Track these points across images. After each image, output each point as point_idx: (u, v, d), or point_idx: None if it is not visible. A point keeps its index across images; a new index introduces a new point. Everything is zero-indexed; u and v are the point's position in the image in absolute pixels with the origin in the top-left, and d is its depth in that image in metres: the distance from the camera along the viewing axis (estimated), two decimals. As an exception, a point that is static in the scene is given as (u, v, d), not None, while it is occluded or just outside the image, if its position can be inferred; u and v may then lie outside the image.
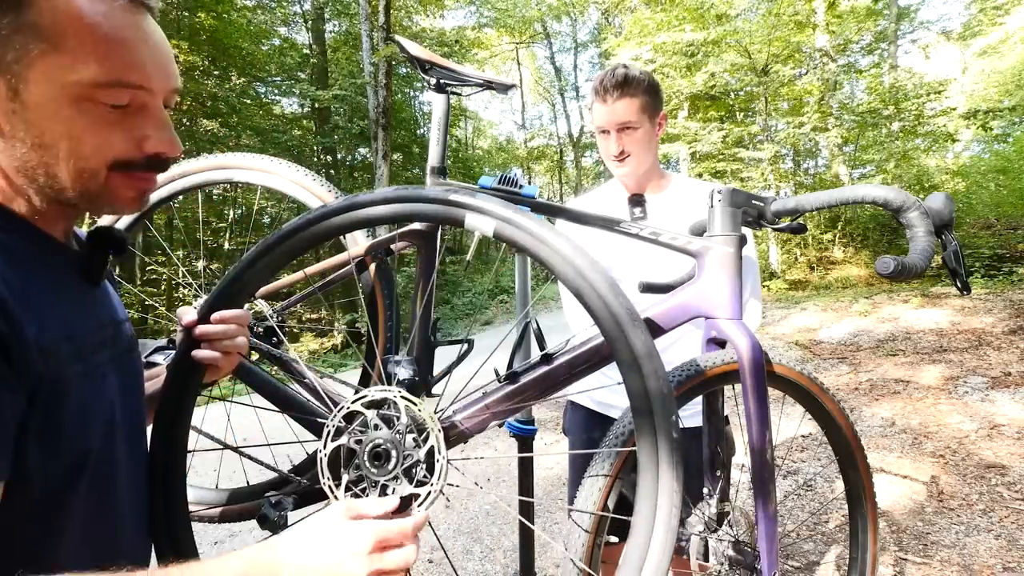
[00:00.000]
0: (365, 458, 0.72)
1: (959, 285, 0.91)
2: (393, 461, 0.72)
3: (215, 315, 0.76)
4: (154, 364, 1.06)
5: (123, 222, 1.25)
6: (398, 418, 0.74)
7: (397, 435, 0.73)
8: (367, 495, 0.71)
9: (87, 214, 0.65)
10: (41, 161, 0.54)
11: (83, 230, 0.70)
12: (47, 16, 0.51)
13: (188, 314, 0.77)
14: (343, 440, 0.73)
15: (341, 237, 1.21)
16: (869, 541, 1.15)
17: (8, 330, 0.48)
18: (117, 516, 0.64)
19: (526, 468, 1.50)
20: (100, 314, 0.65)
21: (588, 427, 1.53)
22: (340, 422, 0.74)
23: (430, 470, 0.73)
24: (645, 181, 1.46)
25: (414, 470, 0.72)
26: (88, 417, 0.57)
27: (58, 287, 0.58)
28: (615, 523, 0.94)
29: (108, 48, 0.53)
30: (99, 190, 0.58)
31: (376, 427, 0.74)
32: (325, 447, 0.72)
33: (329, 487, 0.72)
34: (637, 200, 1.40)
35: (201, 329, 0.76)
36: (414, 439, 0.74)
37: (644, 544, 0.69)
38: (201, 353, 0.76)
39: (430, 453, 0.73)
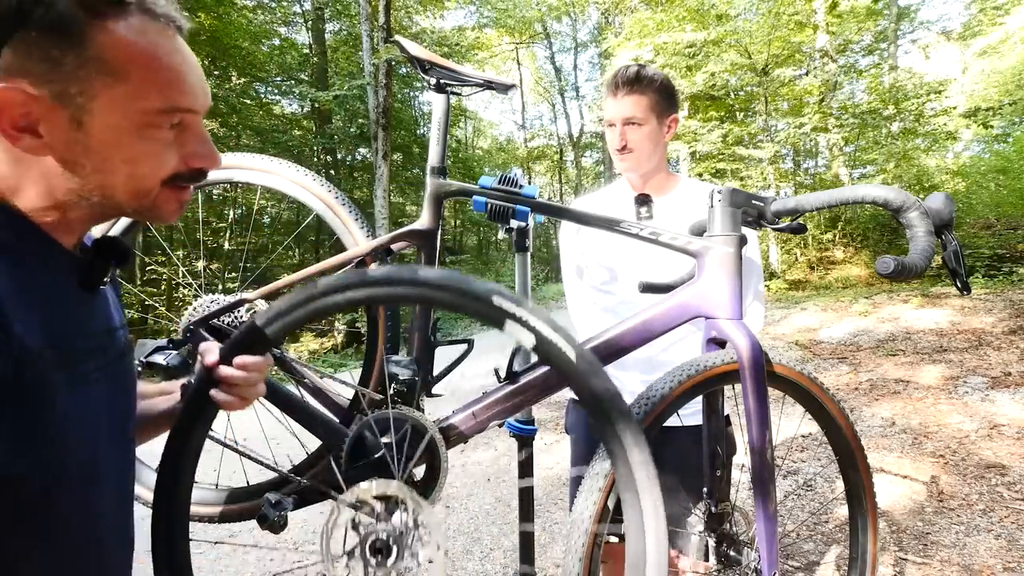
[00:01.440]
0: (366, 551, 0.73)
1: (959, 285, 0.91)
2: (394, 556, 0.73)
3: (238, 360, 0.75)
4: (154, 364, 1.06)
5: (122, 222, 1.25)
6: (404, 511, 0.75)
7: (400, 534, 0.74)
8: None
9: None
10: (98, 184, 0.57)
11: (91, 234, 0.70)
12: (110, 50, 0.53)
13: (211, 353, 0.76)
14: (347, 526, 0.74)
15: (341, 237, 1.21)
16: (869, 541, 1.15)
17: None
18: (100, 524, 0.63)
19: (526, 468, 1.50)
20: (94, 322, 0.64)
21: (590, 425, 1.53)
22: (347, 504, 0.75)
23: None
24: (651, 181, 1.47)
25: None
26: (71, 424, 0.56)
27: (53, 293, 0.58)
28: (615, 522, 0.94)
29: (164, 76, 0.57)
30: (149, 205, 0.61)
31: (379, 518, 0.75)
32: (330, 531, 0.73)
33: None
34: (643, 200, 1.40)
35: (225, 372, 0.75)
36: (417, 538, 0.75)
37: (641, 549, 0.70)
38: (220, 396, 0.76)
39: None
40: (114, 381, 0.66)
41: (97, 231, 1.07)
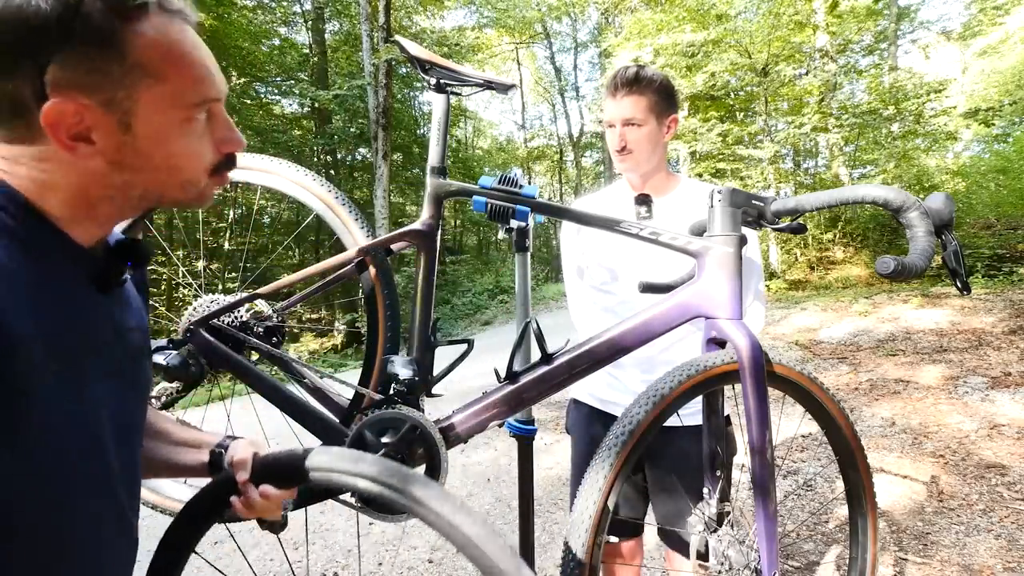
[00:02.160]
0: None
1: (959, 285, 0.92)
2: None
3: (263, 488, 0.75)
4: (154, 364, 1.06)
5: (123, 222, 1.25)
6: None
7: None
8: None
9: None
10: (143, 181, 0.60)
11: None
12: (148, 53, 0.55)
13: (243, 469, 0.76)
14: None
15: (341, 237, 1.21)
16: (869, 541, 1.15)
17: None
18: (100, 528, 0.63)
19: (526, 468, 1.50)
20: (102, 321, 0.64)
21: (590, 425, 1.53)
22: None
23: None
24: (651, 181, 1.47)
25: None
26: (59, 420, 0.55)
27: (58, 288, 0.58)
28: (615, 522, 0.94)
29: (194, 70, 0.59)
30: (197, 195, 0.64)
31: None
32: None
33: None
34: (643, 200, 1.40)
35: (251, 495, 0.75)
36: None
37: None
38: (239, 506, 0.76)
39: None
40: (122, 382, 0.65)
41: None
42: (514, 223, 1.14)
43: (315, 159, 16.06)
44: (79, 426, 0.58)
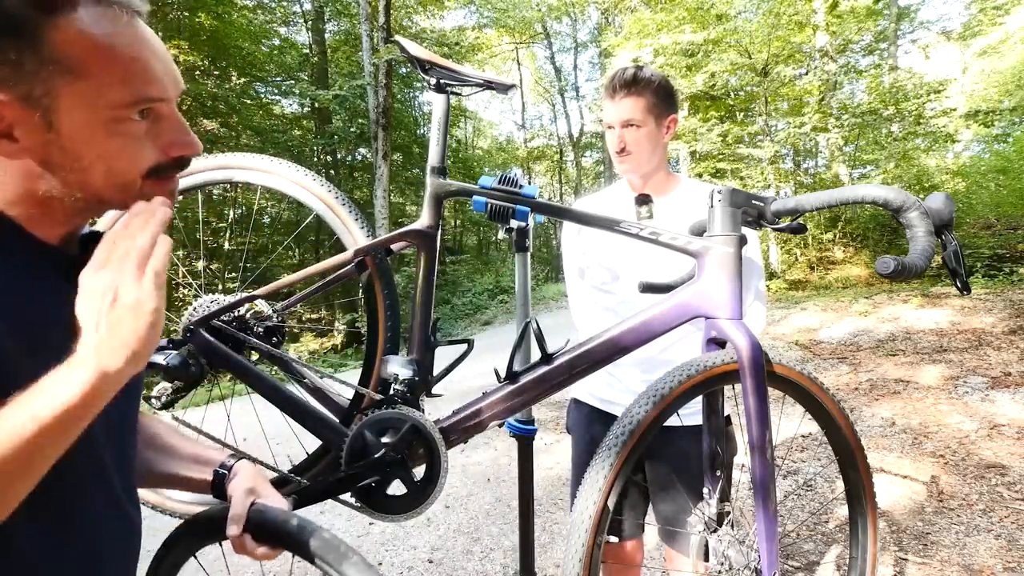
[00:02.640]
0: None
1: (959, 285, 0.92)
2: None
3: (261, 550, 0.77)
4: (154, 364, 1.06)
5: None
6: None
7: None
8: None
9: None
10: (77, 182, 0.57)
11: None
12: (65, 48, 0.52)
13: (233, 525, 0.77)
14: None
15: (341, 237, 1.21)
16: (869, 541, 1.15)
17: None
18: (95, 522, 0.63)
19: (526, 468, 1.50)
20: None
21: (591, 425, 1.53)
22: None
23: None
24: (651, 181, 1.47)
25: None
26: None
27: (24, 284, 0.58)
28: (615, 522, 0.94)
29: (126, 67, 0.55)
30: (136, 198, 0.60)
31: None
32: None
33: None
34: (643, 200, 1.40)
35: (248, 547, 0.77)
36: None
37: None
38: (234, 546, 0.78)
39: None
40: None
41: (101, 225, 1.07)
42: (514, 223, 1.14)
43: (315, 159, 16.05)
44: None
